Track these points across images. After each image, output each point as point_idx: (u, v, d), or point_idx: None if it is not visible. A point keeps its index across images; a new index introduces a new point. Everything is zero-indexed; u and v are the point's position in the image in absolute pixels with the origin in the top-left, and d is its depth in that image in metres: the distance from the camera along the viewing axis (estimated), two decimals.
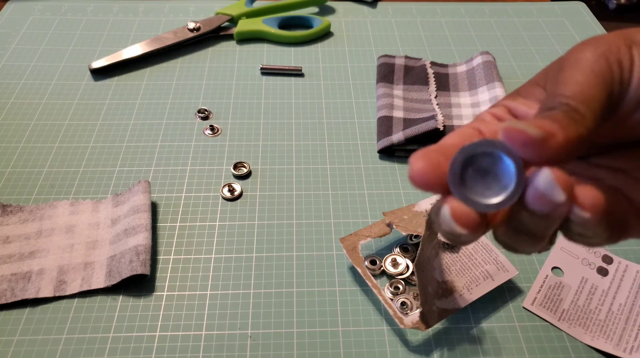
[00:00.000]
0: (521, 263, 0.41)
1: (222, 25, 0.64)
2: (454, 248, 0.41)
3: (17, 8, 0.67)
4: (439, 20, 0.68)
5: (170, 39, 0.60)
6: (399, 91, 0.55)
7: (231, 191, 0.46)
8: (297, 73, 0.59)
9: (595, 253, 0.42)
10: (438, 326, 0.37)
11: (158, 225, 0.43)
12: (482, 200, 0.20)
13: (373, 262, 0.40)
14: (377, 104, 0.53)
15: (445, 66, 0.58)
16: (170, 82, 0.57)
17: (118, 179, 0.47)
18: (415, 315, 0.36)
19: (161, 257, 0.41)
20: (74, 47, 0.62)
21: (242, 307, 0.38)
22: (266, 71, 0.59)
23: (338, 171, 0.48)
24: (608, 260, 0.41)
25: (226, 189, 0.46)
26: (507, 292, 0.40)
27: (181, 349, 0.36)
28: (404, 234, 0.41)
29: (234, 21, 0.64)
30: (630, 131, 0.23)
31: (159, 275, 0.40)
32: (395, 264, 0.40)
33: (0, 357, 0.35)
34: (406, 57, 0.58)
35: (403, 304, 0.37)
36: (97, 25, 0.65)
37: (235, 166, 0.48)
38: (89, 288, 0.38)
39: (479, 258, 0.40)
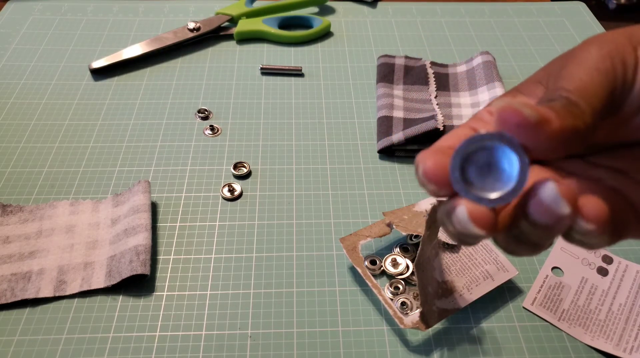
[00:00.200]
0: (521, 263, 0.41)
1: (222, 25, 0.64)
2: (454, 248, 0.41)
3: (17, 8, 0.67)
4: (439, 20, 0.68)
5: (170, 39, 0.60)
6: (399, 91, 0.55)
7: (231, 191, 0.46)
8: (297, 73, 0.59)
9: (595, 253, 0.42)
10: (438, 326, 0.37)
11: (158, 225, 0.43)
12: (494, 193, 0.20)
13: (373, 262, 0.40)
14: (377, 104, 0.53)
15: (445, 66, 0.58)
16: (170, 82, 0.57)
17: (118, 179, 0.47)
18: (415, 315, 0.36)
19: (161, 257, 0.41)
20: (74, 47, 0.62)
21: (242, 307, 0.38)
22: (266, 71, 0.59)
23: (338, 171, 0.48)
24: (608, 260, 0.41)
25: (226, 189, 0.46)
26: (507, 292, 0.40)
27: (181, 349, 0.36)
28: (404, 234, 0.41)
29: (234, 21, 0.64)
30: (633, 132, 0.23)
31: (159, 275, 0.40)
32: (395, 264, 0.40)
33: (0, 356, 0.35)
34: (406, 57, 0.58)
35: (403, 304, 0.37)
36: (97, 25, 0.65)
37: (235, 166, 0.48)
38: (89, 288, 0.38)
39: (479, 258, 0.40)
